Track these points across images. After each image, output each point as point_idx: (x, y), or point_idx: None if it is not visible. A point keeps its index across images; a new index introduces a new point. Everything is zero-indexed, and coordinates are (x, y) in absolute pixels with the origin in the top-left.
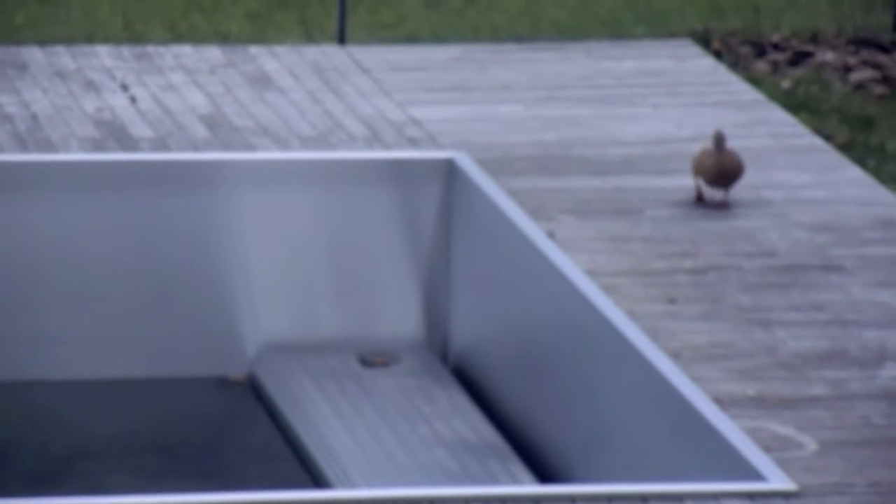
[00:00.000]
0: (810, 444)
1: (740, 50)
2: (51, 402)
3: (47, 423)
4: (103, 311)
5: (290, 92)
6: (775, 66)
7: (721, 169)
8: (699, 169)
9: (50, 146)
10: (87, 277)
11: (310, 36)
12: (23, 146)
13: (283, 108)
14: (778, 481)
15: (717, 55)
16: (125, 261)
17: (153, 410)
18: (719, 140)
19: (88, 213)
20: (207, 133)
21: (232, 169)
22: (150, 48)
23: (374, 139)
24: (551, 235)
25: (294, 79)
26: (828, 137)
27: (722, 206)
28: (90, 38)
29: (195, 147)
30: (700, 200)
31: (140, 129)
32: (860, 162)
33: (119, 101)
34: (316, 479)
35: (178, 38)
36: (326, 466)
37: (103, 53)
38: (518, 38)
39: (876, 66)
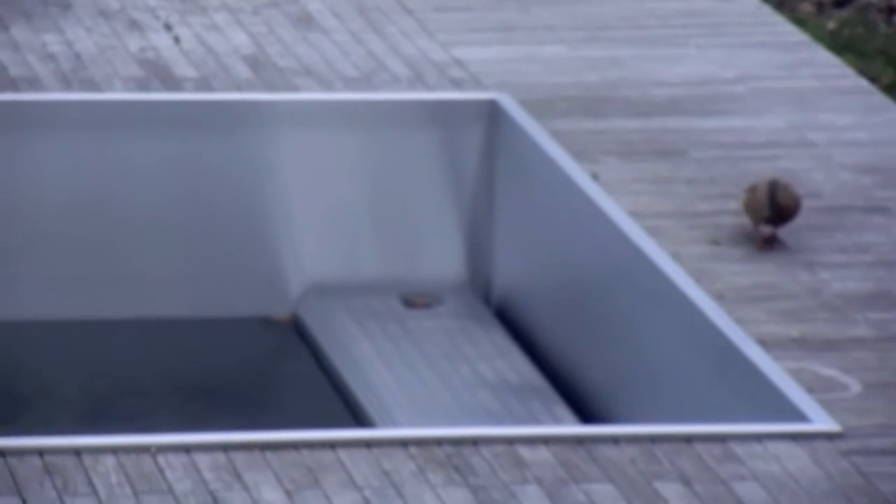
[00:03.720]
0: (854, 386)
1: None
2: (95, 342)
3: (92, 362)
4: (146, 250)
5: (333, 32)
6: (820, 7)
7: (780, 209)
8: (754, 211)
9: (94, 85)
10: (129, 217)
11: None
12: (67, 85)
13: (325, 49)
14: (822, 422)
15: None
16: (168, 201)
17: (197, 350)
18: (773, 189)
19: (131, 152)
20: (250, 73)
21: (275, 109)
22: None
23: (417, 80)
24: (595, 177)
25: (337, 19)
26: (873, 79)
27: (773, 241)
28: None
29: (238, 87)
30: (765, 243)
31: (183, 69)
32: None
33: (163, 41)
34: (359, 418)
35: None
36: (369, 406)
37: None
38: None
39: None
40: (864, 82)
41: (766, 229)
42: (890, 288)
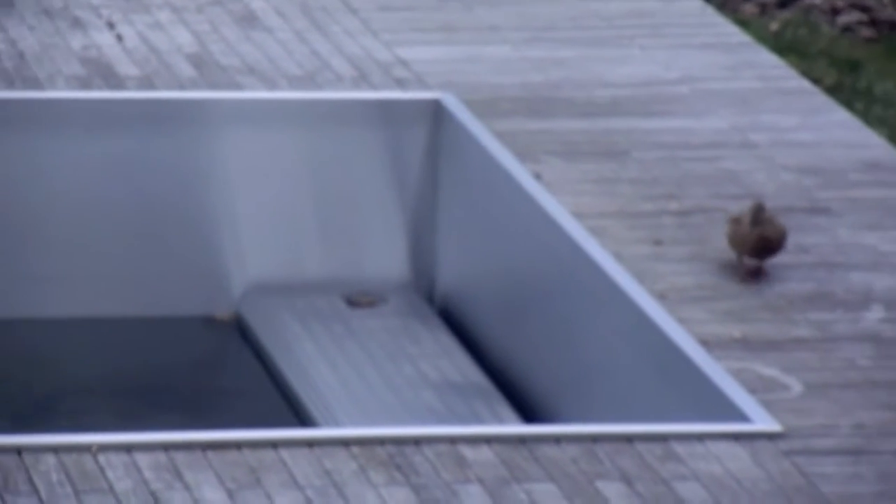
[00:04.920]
0: (795, 386)
1: None
2: (35, 341)
3: (31, 361)
4: (89, 249)
5: (277, 31)
6: (763, 8)
7: (762, 241)
8: (737, 243)
9: (37, 84)
10: (72, 216)
11: None
12: (9, 84)
13: (269, 48)
14: (763, 422)
15: None
16: (111, 199)
17: (139, 349)
18: (757, 212)
19: (74, 150)
20: (194, 72)
21: (218, 108)
22: None
23: (362, 79)
24: (538, 177)
25: (281, 17)
26: (815, 80)
27: (759, 273)
28: None
29: (181, 86)
30: (749, 275)
31: (126, 68)
32: (847, 105)
33: (105, 40)
34: (301, 417)
35: None
36: (311, 405)
37: None
38: None
39: (863, 8)
40: (806, 83)
41: (750, 262)
42: (831, 289)
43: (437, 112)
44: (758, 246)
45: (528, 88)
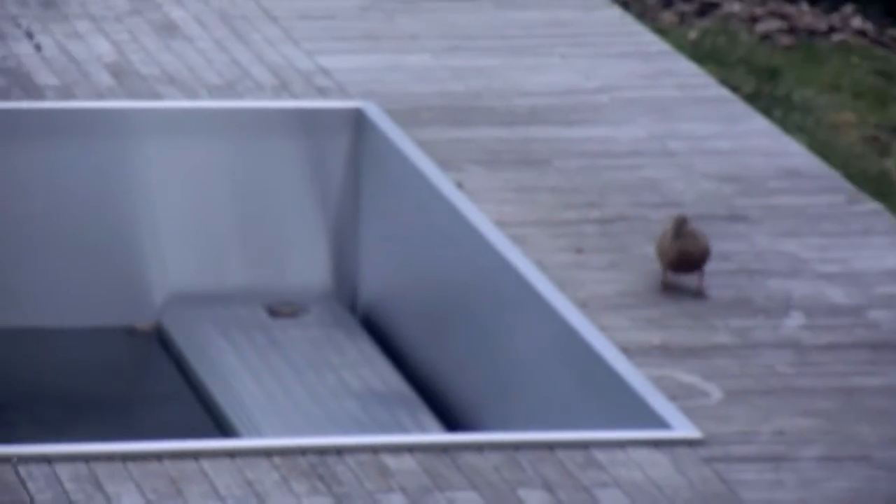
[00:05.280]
0: (715, 393)
1: (647, 0)
2: None
3: None
4: (7, 259)
5: (197, 40)
6: (682, 16)
7: (681, 255)
8: (660, 255)
9: None
10: None
11: None
12: None
13: (189, 57)
14: (683, 429)
15: (624, 5)
16: (30, 209)
17: (60, 360)
18: (679, 225)
19: None
20: (113, 81)
21: (138, 118)
22: None
23: (282, 88)
24: (459, 186)
25: (201, 26)
26: (734, 88)
27: (698, 295)
28: None
29: (101, 95)
30: (667, 288)
31: (45, 78)
32: (766, 112)
33: (24, 49)
34: (223, 428)
35: None
36: (233, 416)
37: (8, 1)
38: None
39: (782, 16)
40: (725, 91)
41: (670, 276)
42: (750, 295)
43: (358, 121)
44: (676, 260)
45: (449, 97)
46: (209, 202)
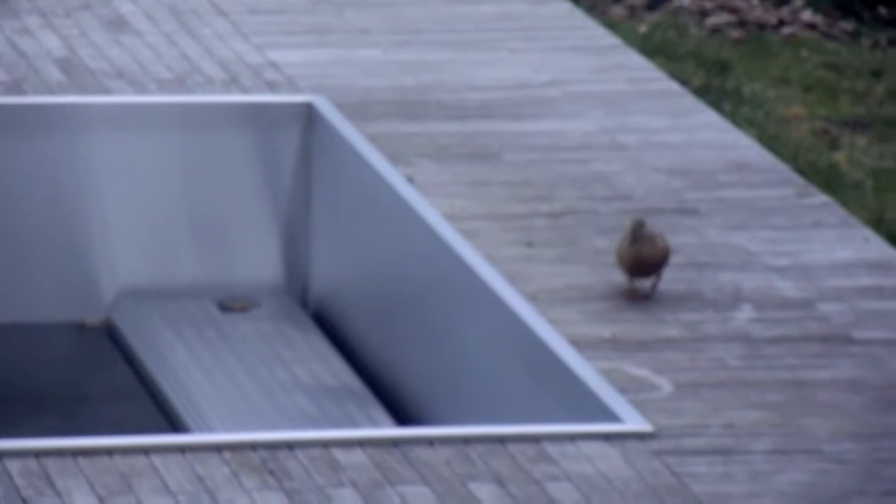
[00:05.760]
0: (665, 386)
1: None
2: None
3: None
4: None
5: (147, 34)
6: (632, 10)
7: (638, 259)
8: (619, 261)
9: None
10: None
11: None
12: None
13: (139, 51)
14: (633, 422)
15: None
16: None
17: (9, 355)
18: (636, 229)
19: None
20: (62, 76)
21: (88, 112)
22: None
23: (232, 82)
24: (410, 180)
25: (150, 21)
26: (684, 82)
27: (650, 296)
28: None
29: (50, 90)
30: (634, 294)
31: None
32: (716, 106)
33: None
34: (174, 423)
35: None
36: (184, 411)
37: None
38: None
39: (732, 10)
40: (675, 85)
41: (636, 283)
42: (700, 289)
43: (309, 115)
44: (632, 264)
45: (399, 91)
46: (159, 197)
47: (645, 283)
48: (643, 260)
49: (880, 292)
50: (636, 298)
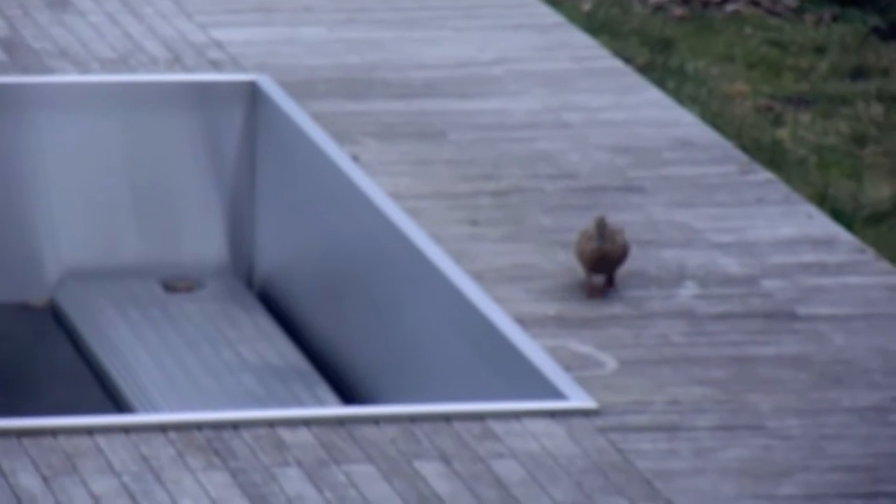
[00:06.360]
0: (610, 363)
1: None
2: None
3: None
4: None
5: (89, 14)
6: None
7: (600, 256)
8: (579, 257)
9: None
10: None
11: None
12: None
13: (81, 31)
14: (578, 399)
15: None
16: None
17: None
18: (601, 227)
19: None
20: (4, 56)
21: (30, 92)
22: None
23: (175, 62)
24: (355, 159)
25: (93, 1)
26: (627, 59)
27: (604, 291)
28: None
29: None
30: (593, 291)
31: None
32: (660, 83)
33: None
34: (119, 404)
35: None
36: (129, 392)
37: None
38: None
39: None
40: (619, 63)
41: (594, 279)
42: (644, 266)
43: (253, 94)
44: (594, 260)
45: (343, 70)
46: (103, 177)
47: (601, 278)
48: (604, 256)
49: (824, 268)
50: (594, 293)
